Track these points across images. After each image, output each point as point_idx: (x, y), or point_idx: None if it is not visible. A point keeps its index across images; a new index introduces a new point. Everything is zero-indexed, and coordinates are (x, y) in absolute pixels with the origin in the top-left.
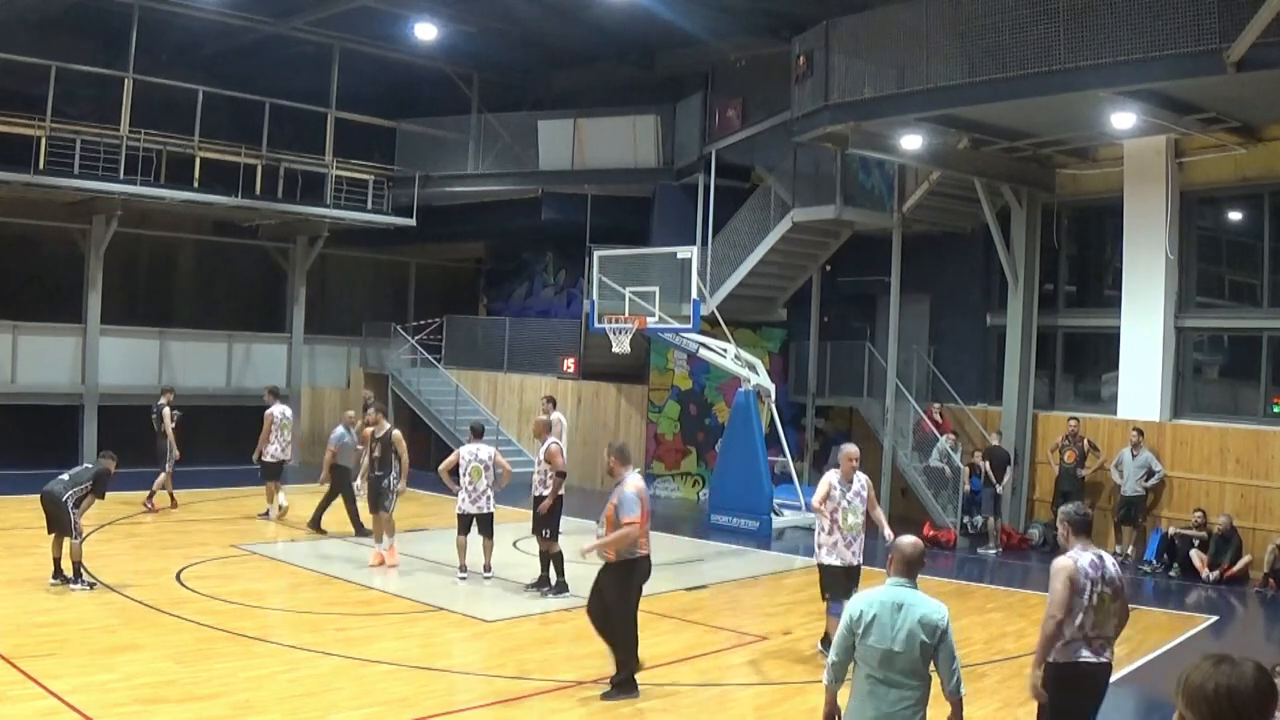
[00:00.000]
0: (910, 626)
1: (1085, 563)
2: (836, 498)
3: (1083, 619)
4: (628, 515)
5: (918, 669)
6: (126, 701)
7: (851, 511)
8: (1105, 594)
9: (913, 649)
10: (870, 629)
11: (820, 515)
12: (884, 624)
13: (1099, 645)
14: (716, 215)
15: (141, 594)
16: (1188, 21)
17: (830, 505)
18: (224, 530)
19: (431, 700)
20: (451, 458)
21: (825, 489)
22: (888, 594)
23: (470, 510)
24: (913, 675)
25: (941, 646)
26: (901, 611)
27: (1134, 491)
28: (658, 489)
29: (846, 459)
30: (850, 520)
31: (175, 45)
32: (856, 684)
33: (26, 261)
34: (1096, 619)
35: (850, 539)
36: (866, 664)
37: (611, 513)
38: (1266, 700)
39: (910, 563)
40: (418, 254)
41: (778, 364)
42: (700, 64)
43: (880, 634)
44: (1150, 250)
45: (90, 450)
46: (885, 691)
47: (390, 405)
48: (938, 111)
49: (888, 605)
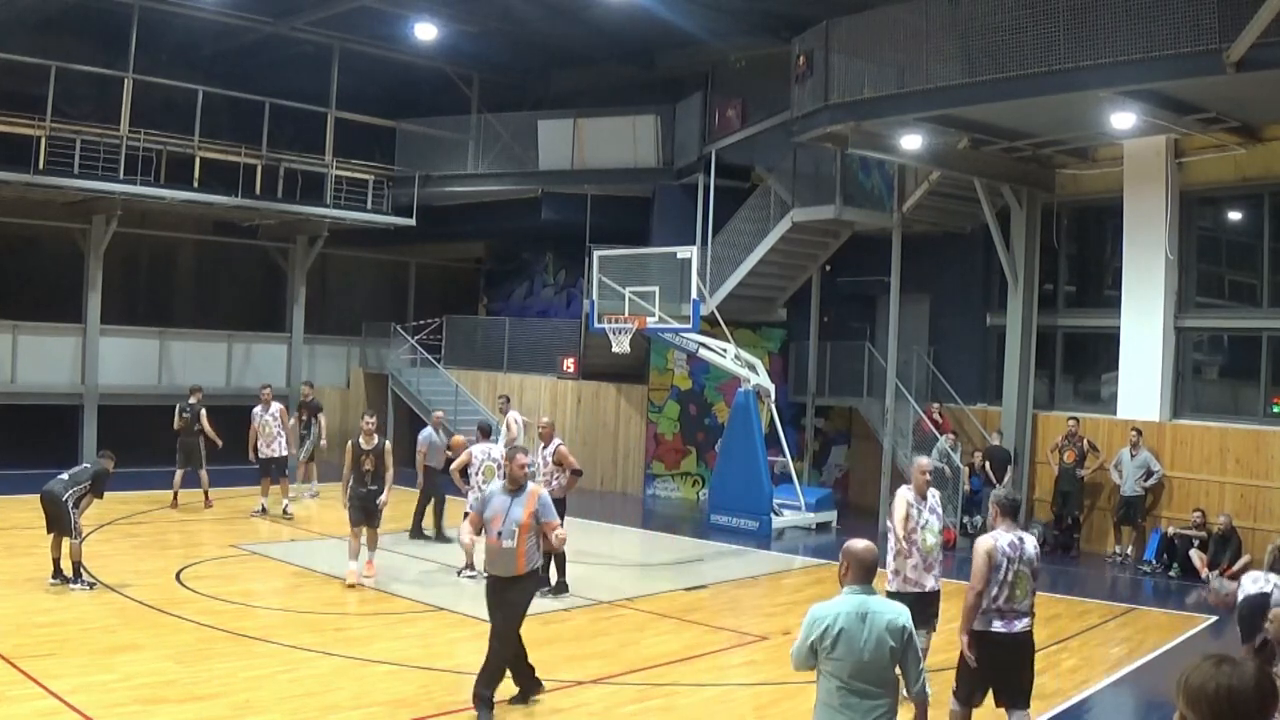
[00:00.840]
0: (878, 634)
1: (1004, 543)
2: (915, 517)
3: (997, 593)
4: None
5: (887, 676)
6: (126, 701)
7: (930, 531)
8: (1023, 572)
9: (882, 656)
10: (838, 642)
11: (895, 538)
12: (851, 635)
13: (1011, 618)
14: (716, 215)
15: (141, 594)
16: (1188, 21)
17: (909, 525)
18: (224, 530)
19: (431, 700)
20: (463, 457)
21: (904, 508)
22: (849, 603)
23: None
24: (883, 683)
25: (908, 649)
26: (867, 620)
27: (1133, 491)
28: (658, 489)
29: (919, 472)
30: (929, 541)
31: (175, 45)
32: (825, 696)
33: (26, 261)
34: (1011, 594)
35: (931, 561)
36: (835, 677)
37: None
38: (1267, 701)
39: (868, 568)
40: (418, 254)
41: (777, 364)
42: (700, 64)
43: (849, 645)
44: (1150, 250)
45: (90, 450)
46: (858, 702)
47: (390, 405)
48: (938, 111)
49: (852, 615)
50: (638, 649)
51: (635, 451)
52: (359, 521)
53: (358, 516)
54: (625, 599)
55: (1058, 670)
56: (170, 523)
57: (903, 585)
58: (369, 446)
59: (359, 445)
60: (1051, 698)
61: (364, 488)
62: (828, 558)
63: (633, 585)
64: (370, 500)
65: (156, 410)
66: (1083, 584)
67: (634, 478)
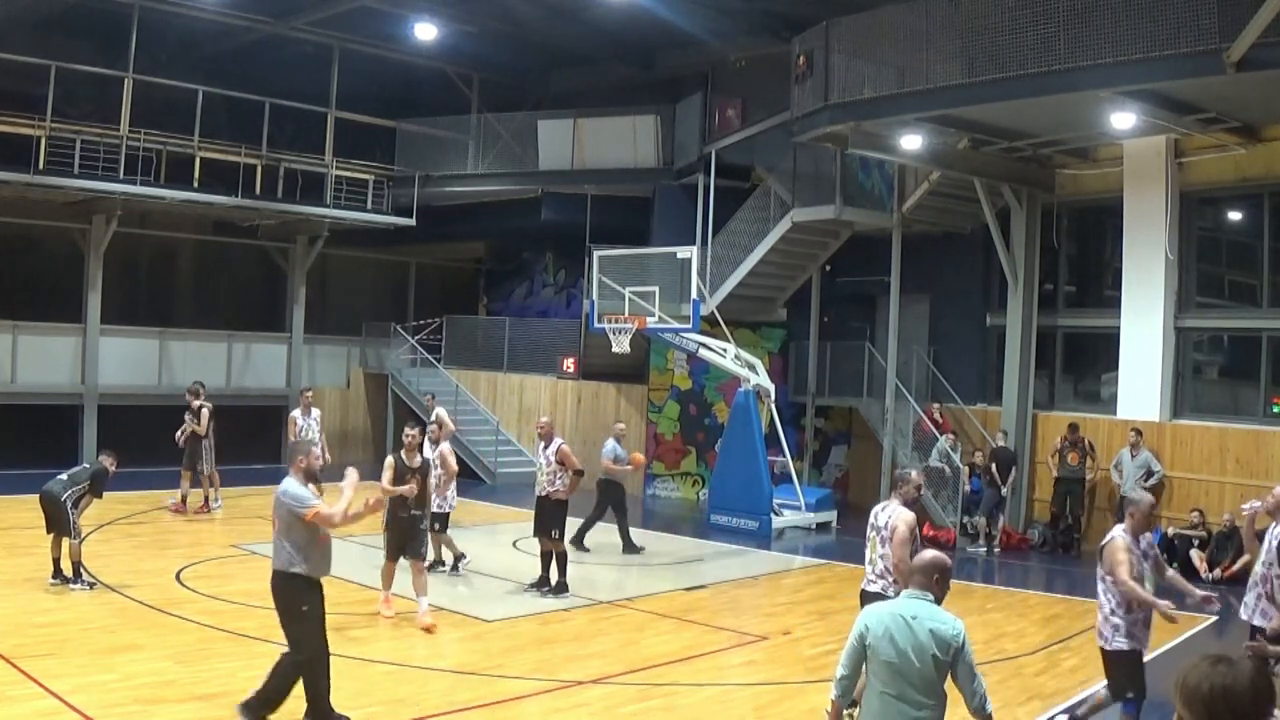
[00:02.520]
0: (922, 639)
1: (874, 511)
2: (1135, 565)
3: (867, 553)
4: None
5: (932, 686)
6: (126, 701)
7: (1149, 579)
8: (873, 538)
9: (925, 663)
10: (881, 642)
11: (1113, 591)
12: (895, 637)
13: (874, 577)
14: (716, 215)
15: (141, 594)
16: (1188, 21)
17: (1133, 574)
18: (224, 530)
19: (431, 700)
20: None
21: (1128, 559)
22: (902, 606)
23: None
24: (926, 692)
25: (959, 662)
26: (913, 624)
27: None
28: (658, 489)
29: (1147, 512)
30: (1148, 589)
31: (175, 45)
32: (868, 700)
33: (26, 261)
34: (869, 555)
35: (1149, 614)
36: (879, 679)
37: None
38: (1263, 701)
39: (925, 572)
40: (418, 254)
41: (777, 364)
42: (700, 64)
43: (891, 648)
44: (1150, 250)
45: (90, 450)
46: (898, 708)
47: (390, 405)
48: (938, 111)
49: (900, 618)
50: (638, 649)
51: (635, 451)
52: (396, 554)
53: (395, 548)
54: (625, 599)
55: (1058, 670)
56: (170, 523)
57: (1124, 641)
58: (414, 464)
59: (402, 461)
60: (1052, 698)
61: (405, 512)
62: (827, 558)
63: (633, 585)
64: (411, 527)
65: (157, 410)
66: (1083, 584)
67: (634, 478)
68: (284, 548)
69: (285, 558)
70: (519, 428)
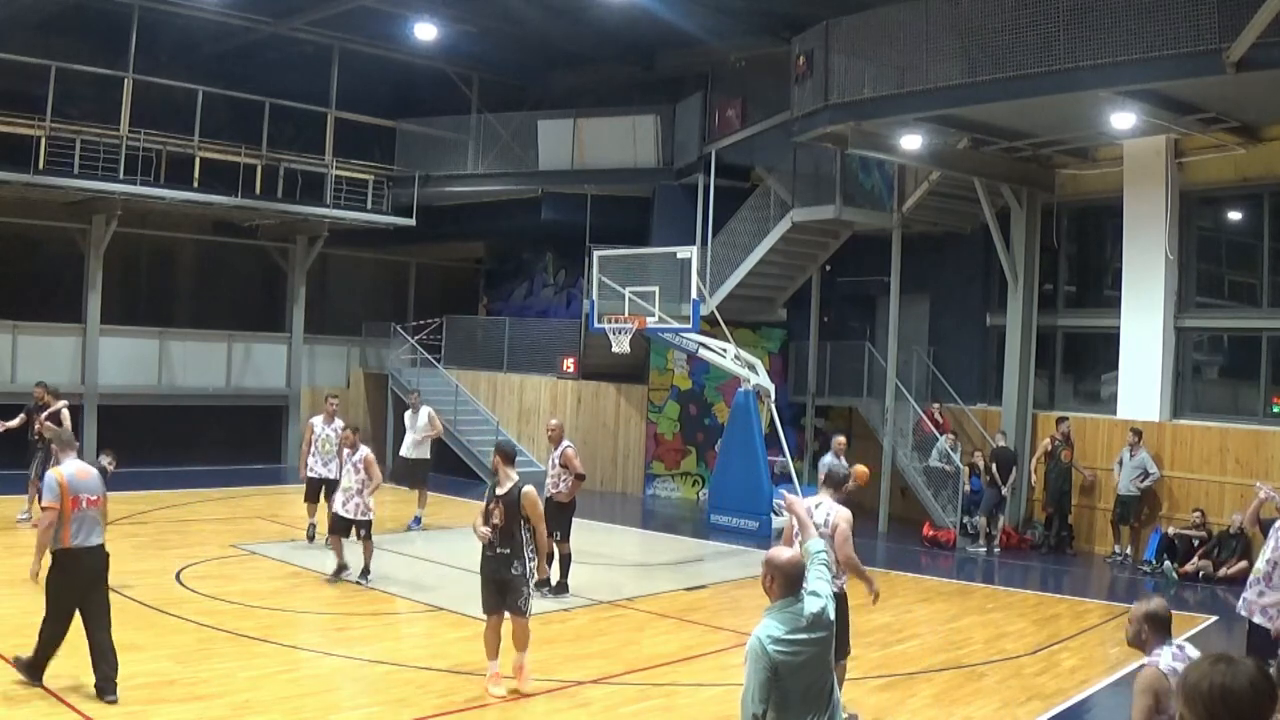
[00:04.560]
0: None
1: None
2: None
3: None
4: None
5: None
6: (126, 701)
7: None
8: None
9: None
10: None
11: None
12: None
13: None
14: (716, 215)
15: (141, 594)
16: (1188, 21)
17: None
18: (224, 530)
19: (431, 700)
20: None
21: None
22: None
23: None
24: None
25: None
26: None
27: (1128, 491)
28: (658, 489)
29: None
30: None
31: (175, 45)
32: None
33: (26, 261)
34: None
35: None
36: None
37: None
38: (1263, 700)
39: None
40: (418, 254)
41: (777, 364)
42: (700, 64)
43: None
44: (1150, 250)
45: (90, 450)
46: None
47: (389, 405)
48: (938, 111)
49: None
50: (638, 649)
51: (635, 451)
52: (493, 606)
53: (490, 599)
54: (625, 599)
55: (1058, 670)
56: (171, 523)
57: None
58: (501, 491)
59: (492, 490)
60: (1052, 698)
61: (491, 550)
62: None
63: (633, 585)
64: (502, 570)
65: (157, 410)
66: (1083, 584)
67: (634, 478)
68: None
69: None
70: (519, 428)
